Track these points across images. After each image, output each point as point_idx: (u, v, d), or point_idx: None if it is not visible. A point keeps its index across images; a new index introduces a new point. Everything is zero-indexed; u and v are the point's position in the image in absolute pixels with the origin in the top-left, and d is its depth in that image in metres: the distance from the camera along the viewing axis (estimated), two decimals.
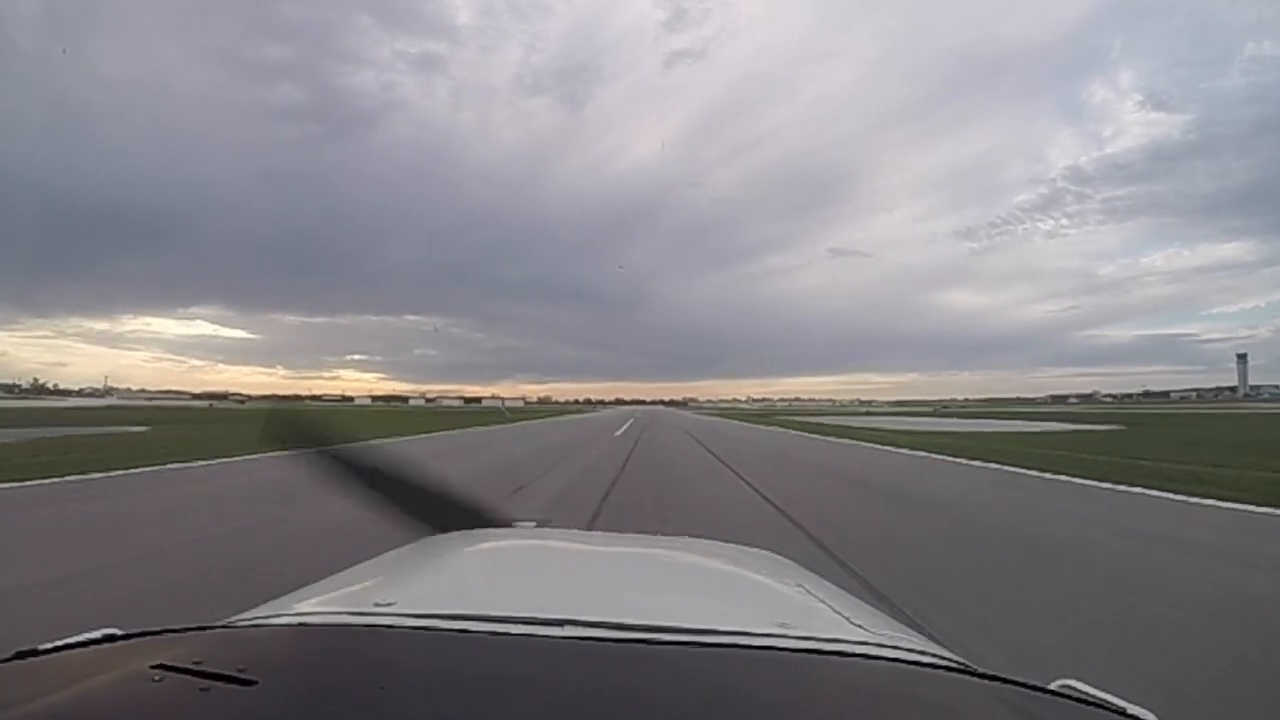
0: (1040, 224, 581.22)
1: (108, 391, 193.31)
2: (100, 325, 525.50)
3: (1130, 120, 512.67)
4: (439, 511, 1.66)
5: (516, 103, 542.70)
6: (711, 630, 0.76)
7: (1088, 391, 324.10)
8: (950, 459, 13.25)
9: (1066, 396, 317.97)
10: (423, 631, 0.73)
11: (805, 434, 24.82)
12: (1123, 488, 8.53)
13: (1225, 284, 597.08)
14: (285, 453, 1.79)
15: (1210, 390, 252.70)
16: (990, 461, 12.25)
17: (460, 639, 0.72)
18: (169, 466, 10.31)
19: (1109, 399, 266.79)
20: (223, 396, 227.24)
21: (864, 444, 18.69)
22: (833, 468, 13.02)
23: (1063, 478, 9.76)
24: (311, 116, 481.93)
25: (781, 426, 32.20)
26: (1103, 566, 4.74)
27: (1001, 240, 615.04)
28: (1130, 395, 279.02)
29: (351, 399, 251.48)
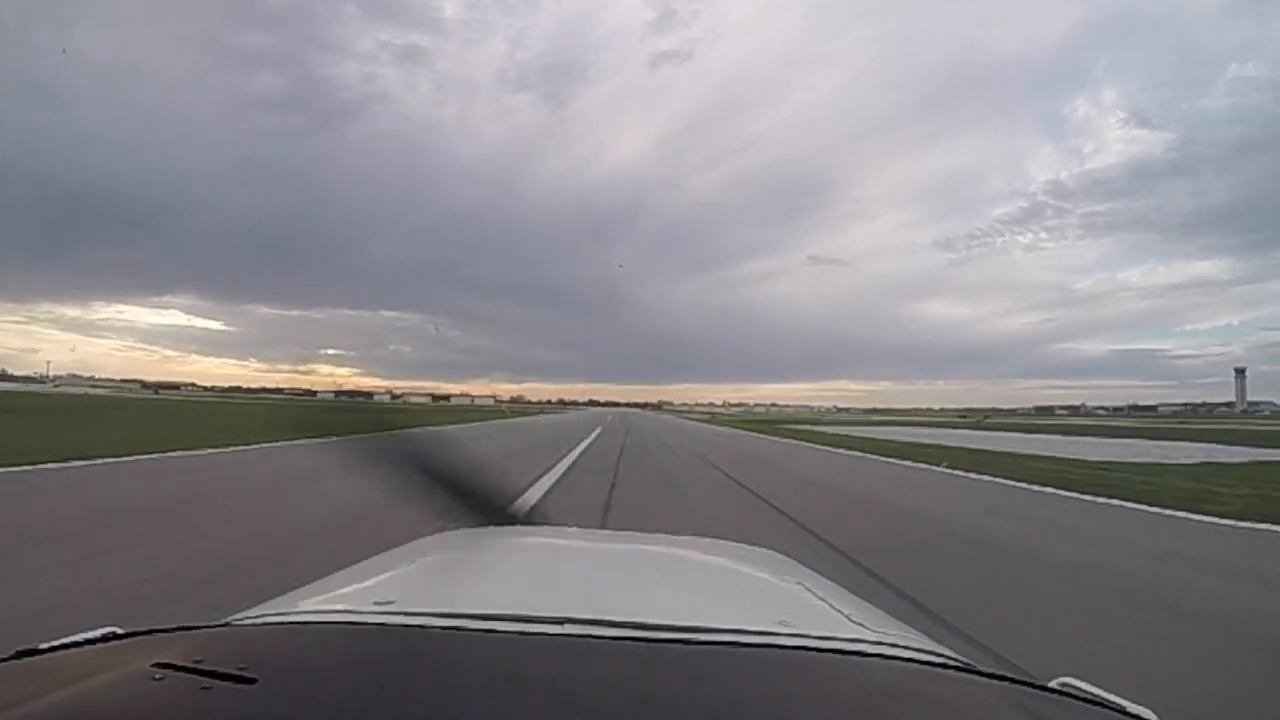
0: (1019, 237, 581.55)
1: (48, 378, 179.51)
2: (73, 312, 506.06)
3: (1112, 137, 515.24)
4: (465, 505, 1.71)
5: (500, 99, 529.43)
6: (713, 629, 0.76)
7: (1076, 403, 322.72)
8: None
9: (1052, 408, 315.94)
10: (422, 630, 0.73)
11: (924, 468, 14.72)
12: None
13: (1199, 301, 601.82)
14: None
15: (1202, 405, 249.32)
16: None
17: (460, 637, 0.71)
18: None
19: (1102, 410, 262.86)
20: (175, 386, 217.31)
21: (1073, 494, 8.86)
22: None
23: None
24: (292, 107, 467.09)
25: (826, 444, 22.18)
26: None
27: (980, 252, 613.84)
28: (1120, 409, 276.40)
29: (315, 393, 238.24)
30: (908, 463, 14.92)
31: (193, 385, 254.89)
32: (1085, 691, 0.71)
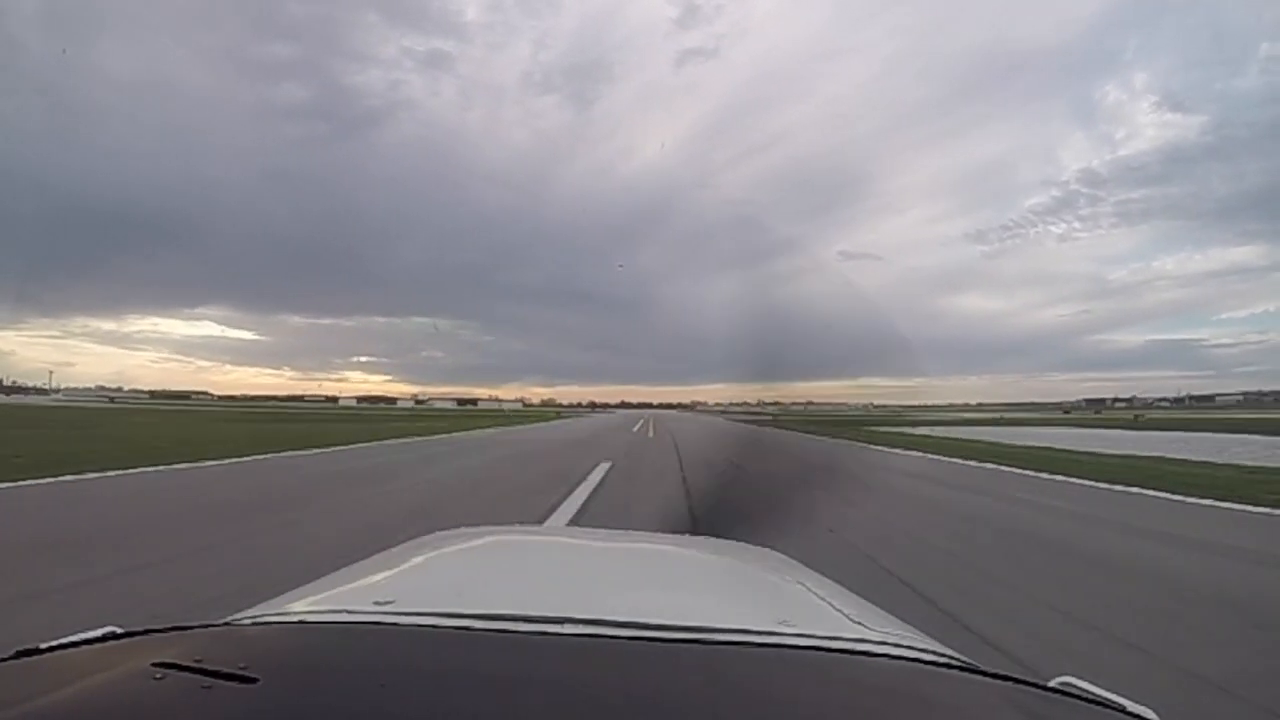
0: (1052, 227, 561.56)
1: (54, 389, 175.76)
2: (108, 325, 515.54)
3: (1145, 122, 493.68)
4: None
5: (525, 102, 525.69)
6: (713, 628, 0.75)
7: (1115, 395, 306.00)
8: None
9: (1104, 400, 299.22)
10: (422, 629, 0.73)
11: None
12: None
13: (1236, 288, 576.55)
14: None
15: (1268, 394, 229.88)
16: None
17: (459, 637, 0.71)
18: None
19: (1164, 403, 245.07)
20: (187, 396, 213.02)
21: None
22: None
23: None
24: (318, 115, 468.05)
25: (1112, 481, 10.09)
26: None
27: (1013, 244, 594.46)
28: (1180, 399, 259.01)
29: (336, 399, 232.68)
30: None
31: (205, 394, 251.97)
32: (1086, 691, 0.70)
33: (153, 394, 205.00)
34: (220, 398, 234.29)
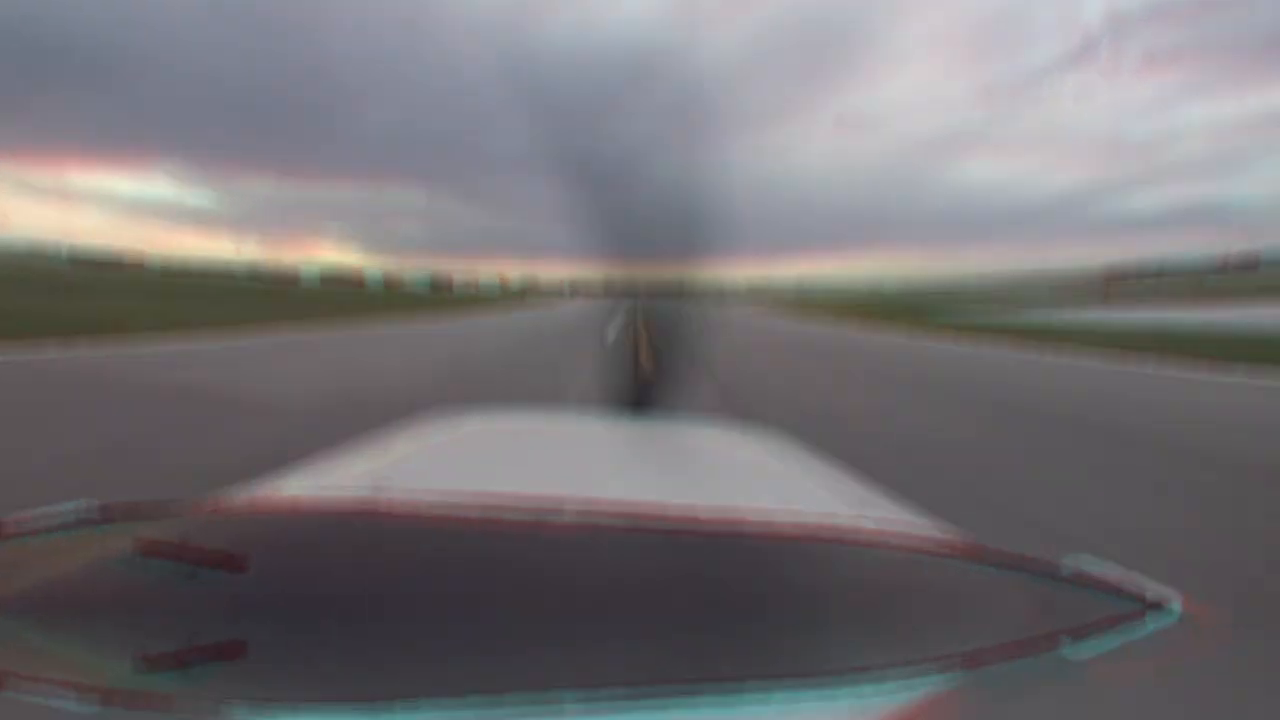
0: (1069, 80, 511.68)
1: None
2: (44, 178, 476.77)
3: None
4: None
5: None
6: (714, 510, 0.73)
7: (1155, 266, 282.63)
8: None
9: (1125, 273, 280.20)
10: (417, 514, 0.71)
11: None
12: None
13: (1274, 138, 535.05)
14: None
15: None
16: None
17: (454, 522, 0.70)
18: None
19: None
20: (119, 265, 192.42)
21: None
22: None
23: None
24: None
25: None
26: None
27: (1025, 101, 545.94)
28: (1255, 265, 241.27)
29: (299, 277, 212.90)
30: None
31: (139, 265, 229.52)
32: (1099, 572, 0.67)
33: (74, 260, 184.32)
34: (153, 268, 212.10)
